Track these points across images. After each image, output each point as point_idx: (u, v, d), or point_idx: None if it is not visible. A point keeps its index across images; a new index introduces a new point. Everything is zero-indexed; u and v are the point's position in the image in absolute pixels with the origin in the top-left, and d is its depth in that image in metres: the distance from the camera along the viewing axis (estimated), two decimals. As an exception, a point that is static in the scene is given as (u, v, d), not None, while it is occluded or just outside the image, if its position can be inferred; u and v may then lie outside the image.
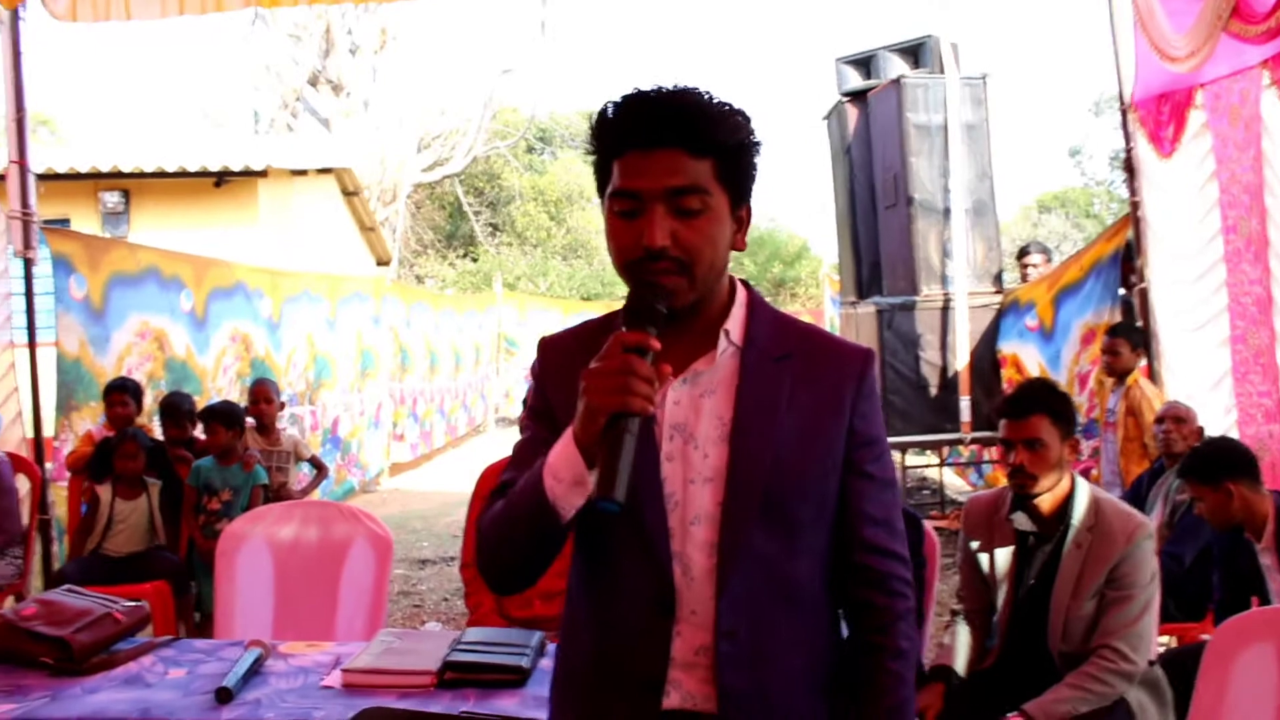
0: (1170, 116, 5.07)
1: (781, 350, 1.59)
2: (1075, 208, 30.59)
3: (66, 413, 5.89)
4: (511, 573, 1.61)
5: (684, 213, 1.47)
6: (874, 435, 1.62)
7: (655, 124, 1.47)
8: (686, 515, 1.54)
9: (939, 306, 7.39)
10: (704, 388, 1.57)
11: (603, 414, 1.39)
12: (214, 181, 10.73)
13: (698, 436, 1.55)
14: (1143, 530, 2.92)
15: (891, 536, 1.62)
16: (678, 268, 1.48)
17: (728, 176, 1.51)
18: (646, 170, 1.47)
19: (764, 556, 1.53)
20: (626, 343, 1.42)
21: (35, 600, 2.73)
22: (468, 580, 3.63)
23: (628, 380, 1.38)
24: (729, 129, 1.50)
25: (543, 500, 1.46)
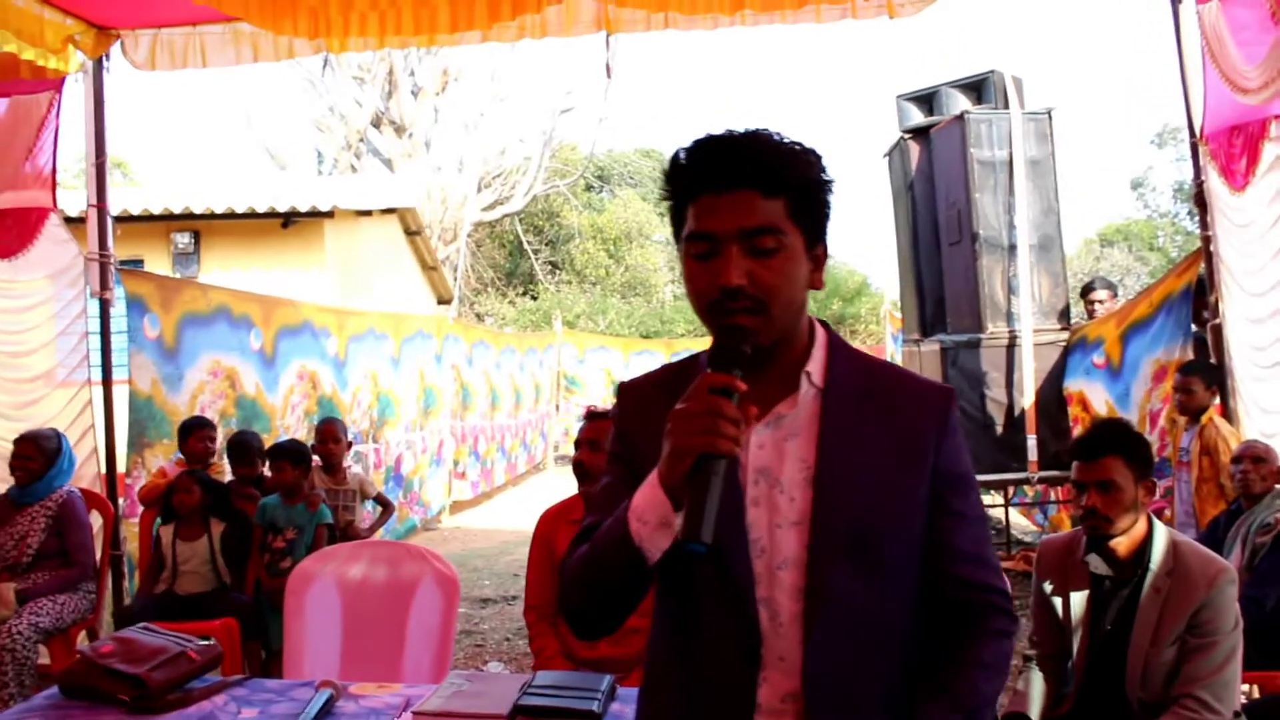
0: (1243, 149, 4.99)
1: (863, 390, 1.59)
2: (1139, 241, 30.16)
3: (139, 450, 6.01)
4: (597, 617, 1.60)
5: (759, 252, 1.48)
6: (960, 473, 1.61)
7: (727, 166, 1.48)
8: (773, 560, 1.53)
9: (1004, 344, 7.30)
10: (787, 431, 1.57)
11: (689, 455, 1.38)
12: (281, 222, 10.94)
13: (782, 480, 1.55)
14: (1225, 575, 2.84)
15: (986, 571, 1.61)
16: (755, 307, 1.48)
17: (801, 215, 1.51)
18: (720, 212, 1.48)
19: (852, 600, 1.52)
20: (713, 384, 1.42)
21: (112, 638, 2.77)
22: (531, 624, 3.63)
23: (714, 421, 1.38)
24: (800, 168, 1.52)
25: (628, 543, 1.45)
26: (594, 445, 3.56)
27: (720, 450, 1.37)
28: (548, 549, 3.63)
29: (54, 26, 5.28)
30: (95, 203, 5.67)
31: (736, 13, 4.74)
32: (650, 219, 29.45)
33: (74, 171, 17.70)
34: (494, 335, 14.32)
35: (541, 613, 3.58)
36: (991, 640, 1.59)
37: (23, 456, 4.92)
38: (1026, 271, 7.24)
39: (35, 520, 4.85)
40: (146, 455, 6.05)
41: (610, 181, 31.52)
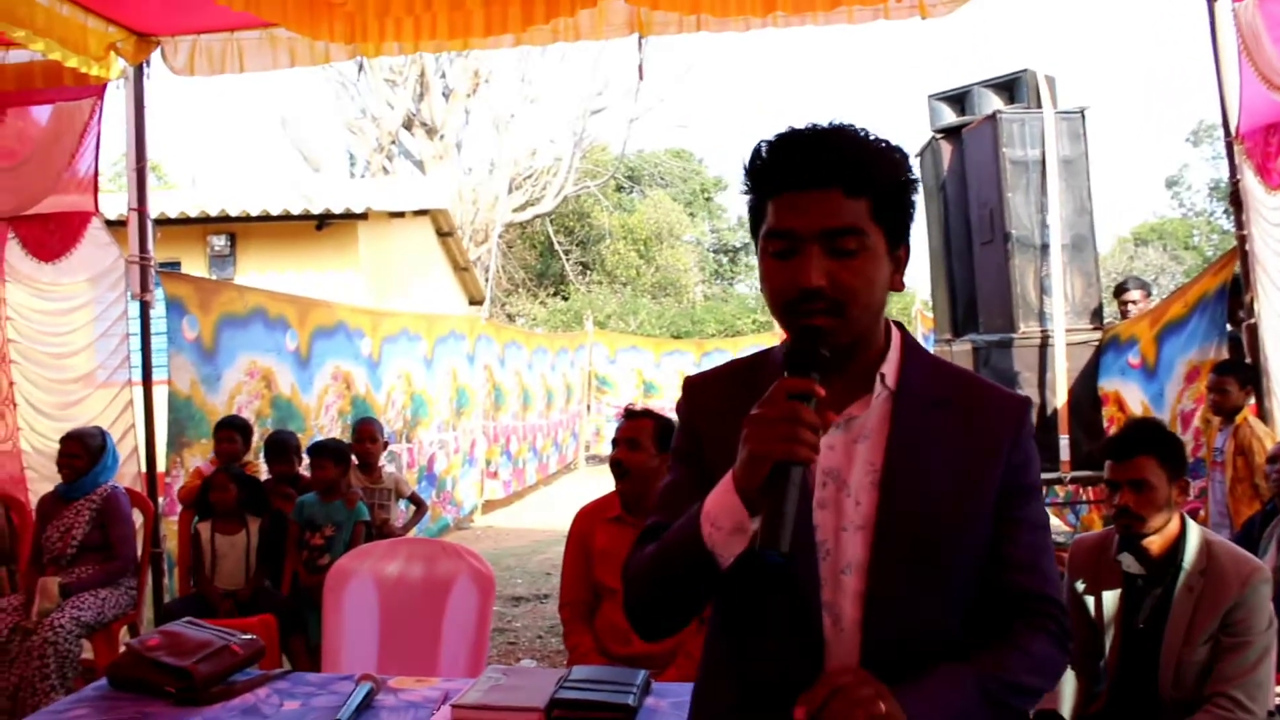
0: (1279, 148, 4.96)
1: (936, 396, 1.57)
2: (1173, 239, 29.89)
3: (178, 449, 6.11)
4: (663, 617, 1.58)
5: (840, 253, 1.45)
6: (1029, 484, 1.58)
7: (811, 163, 1.44)
8: (838, 564, 1.51)
9: (1037, 344, 7.26)
10: (858, 433, 1.54)
11: (768, 462, 1.36)
12: (316, 224, 11.06)
13: (850, 483, 1.53)
14: (1259, 574, 2.85)
15: (1044, 582, 1.57)
16: (834, 308, 1.45)
17: (884, 216, 1.48)
18: (802, 210, 1.45)
19: (915, 607, 1.50)
20: (791, 389, 1.39)
21: (159, 632, 2.84)
22: (566, 620, 3.67)
23: (793, 428, 1.35)
24: (886, 168, 1.48)
25: (700, 547, 1.43)
26: (632, 444, 3.57)
27: (799, 458, 1.35)
28: (583, 547, 3.66)
29: (96, 35, 5.38)
30: (136, 206, 5.76)
31: (769, 14, 4.76)
32: (681, 219, 29.48)
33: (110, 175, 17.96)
34: (525, 336, 14.40)
35: (576, 609, 3.62)
36: (1041, 636, 1.54)
37: (69, 454, 5.03)
38: (1059, 271, 7.20)
39: (80, 514, 4.95)
40: (185, 455, 6.14)
41: (641, 182, 31.57)
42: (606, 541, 3.57)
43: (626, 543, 3.49)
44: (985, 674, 1.48)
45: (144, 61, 5.76)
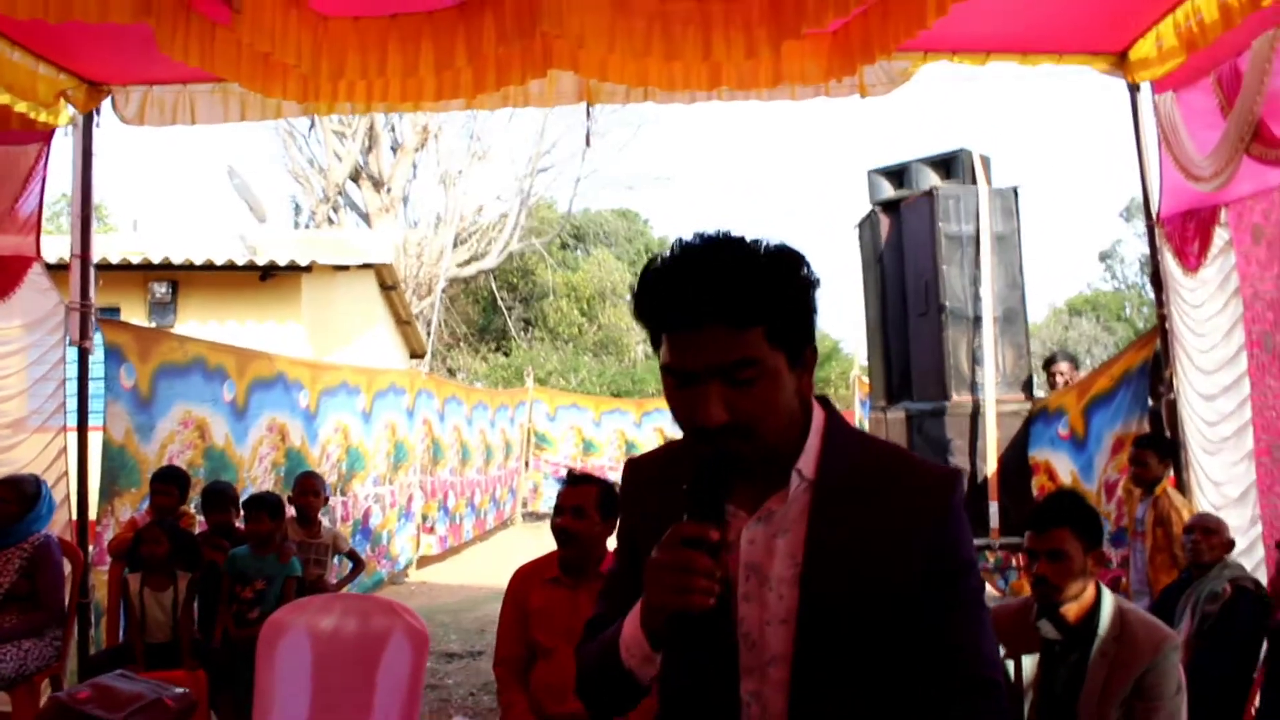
0: (1195, 233, 5.19)
1: (857, 482, 1.54)
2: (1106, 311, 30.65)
3: (109, 498, 6.04)
4: (606, 709, 1.65)
5: (738, 383, 1.42)
6: (961, 562, 1.55)
7: (694, 303, 1.40)
8: (763, 656, 1.52)
9: (968, 413, 7.45)
10: (777, 527, 1.54)
11: (662, 613, 1.41)
12: (259, 275, 11.03)
13: (771, 578, 1.53)
14: (1169, 642, 2.96)
15: (981, 663, 1.54)
16: (741, 434, 1.44)
17: (780, 337, 1.44)
18: (693, 350, 1.42)
19: (840, 697, 1.51)
20: (685, 535, 1.40)
21: (90, 684, 2.84)
22: (500, 677, 3.69)
23: (686, 579, 1.37)
24: (775, 288, 1.43)
25: (621, 667, 1.51)
26: (577, 512, 3.56)
27: (692, 608, 1.38)
28: (519, 606, 3.69)
29: (47, 81, 5.39)
30: (79, 253, 5.74)
31: (714, 89, 4.92)
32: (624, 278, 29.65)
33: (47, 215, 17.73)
34: (466, 391, 14.39)
35: (510, 667, 3.64)
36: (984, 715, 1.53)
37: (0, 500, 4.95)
38: (991, 343, 7.42)
39: (9, 562, 4.86)
40: (116, 504, 6.07)
41: (585, 240, 31.79)
42: (543, 601, 3.61)
43: (563, 603, 3.55)
44: None
45: (94, 110, 5.77)
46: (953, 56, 5.28)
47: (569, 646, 3.49)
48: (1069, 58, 5.36)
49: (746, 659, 1.53)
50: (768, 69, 4.77)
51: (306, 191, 22.48)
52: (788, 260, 1.47)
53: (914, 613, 1.50)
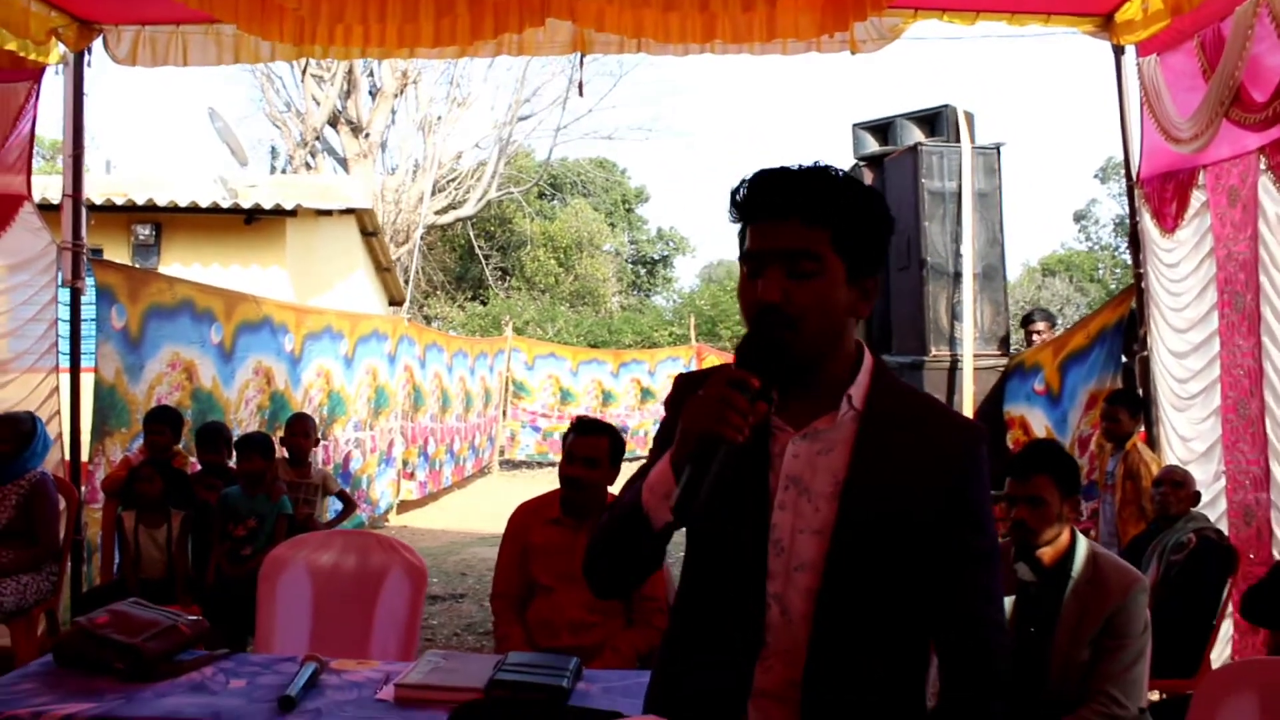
0: (1174, 194, 5.32)
1: (900, 419, 1.69)
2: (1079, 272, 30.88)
3: (101, 438, 6.10)
4: (610, 576, 1.78)
5: (797, 274, 1.60)
6: (978, 509, 1.70)
7: (777, 197, 1.62)
8: (791, 561, 1.66)
9: (946, 367, 7.61)
10: (823, 445, 1.68)
11: (694, 437, 1.53)
12: (244, 219, 11.00)
13: (811, 490, 1.67)
14: (1138, 584, 3.11)
15: (989, 604, 1.71)
16: (789, 323, 1.60)
17: (844, 246, 1.62)
18: (767, 236, 1.63)
19: (861, 609, 1.65)
20: (730, 377, 1.55)
21: (107, 610, 2.92)
22: (498, 611, 3.79)
23: (723, 409, 1.51)
24: (847, 205, 1.63)
25: (639, 509, 1.63)
26: (590, 462, 3.61)
27: (723, 435, 1.51)
28: (519, 542, 3.77)
29: (39, 18, 5.37)
30: (70, 193, 5.76)
31: (708, 41, 4.98)
32: (601, 229, 29.64)
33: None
34: (446, 339, 14.43)
35: (508, 601, 3.74)
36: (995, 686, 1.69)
37: (-3, 438, 5.01)
38: (970, 299, 7.57)
39: (6, 499, 4.93)
40: (107, 444, 6.14)
41: (563, 190, 31.67)
42: (544, 540, 3.69)
43: (563, 544, 3.66)
44: None
45: (85, 49, 5.76)
46: (943, 15, 5.34)
47: (566, 586, 3.61)
48: (1056, 19, 5.44)
49: (774, 563, 1.67)
50: (762, 22, 4.83)
51: (284, 136, 22.29)
52: (867, 192, 1.69)
53: (933, 548, 1.67)
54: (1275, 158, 4.37)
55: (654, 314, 27.44)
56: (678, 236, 33.55)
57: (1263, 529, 4.62)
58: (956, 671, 1.71)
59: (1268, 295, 4.51)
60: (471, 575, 8.81)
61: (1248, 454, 4.75)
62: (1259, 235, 4.55)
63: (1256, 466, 4.67)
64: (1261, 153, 4.48)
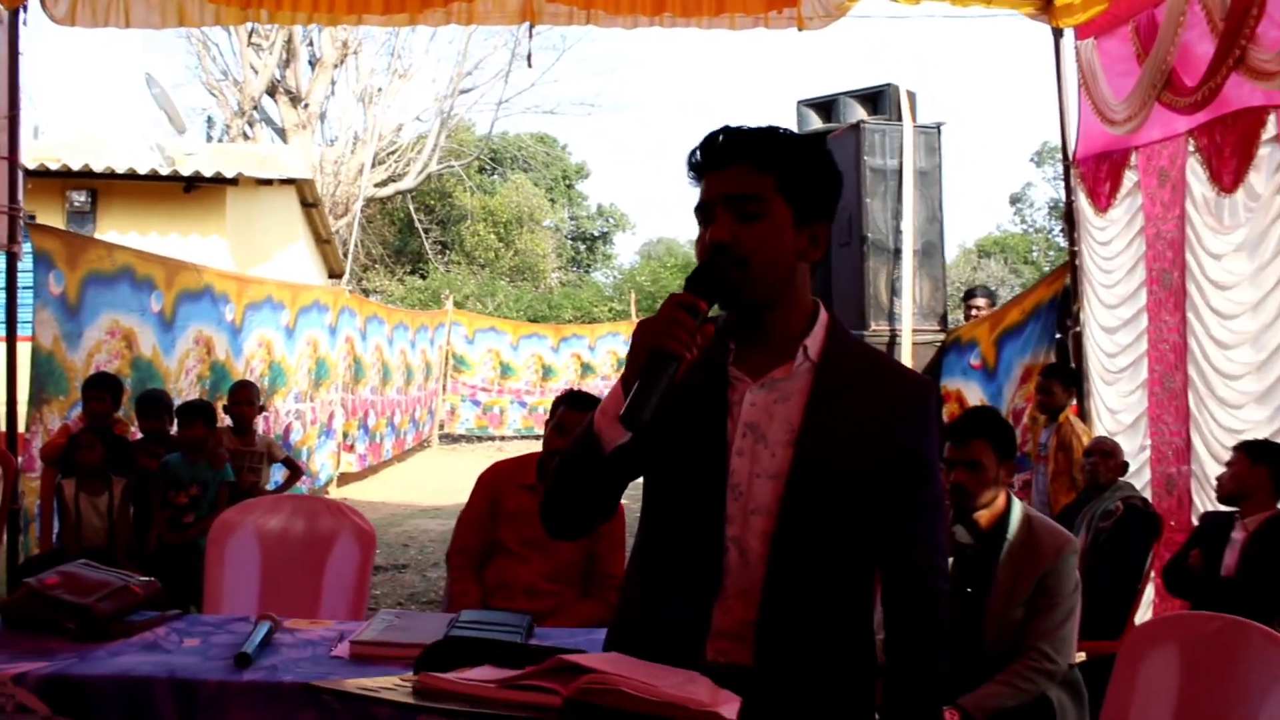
0: (1107, 174, 5.48)
1: (853, 371, 1.77)
2: (1014, 254, 31.37)
3: (38, 405, 6.01)
4: (563, 511, 1.83)
5: (745, 217, 1.68)
6: (927, 459, 1.79)
7: (724, 146, 1.71)
8: (749, 505, 1.73)
9: (885, 341, 7.75)
10: (779, 394, 1.75)
11: (644, 351, 1.60)
12: (184, 187, 10.83)
13: (768, 437, 1.74)
14: (1070, 546, 3.24)
15: (935, 553, 1.80)
16: (738, 264, 1.68)
17: (790, 191, 1.70)
18: (718, 182, 1.71)
19: (814, 551, 1.73)
20: (679, 300, 1.63)
21: (57, 571, 2.91)
22: (455, 567, 3.80)
23: (671, 326, 1.59)
24: (794, 152, 1.72)
25: (591, 433, 1.69)
26: None
27: (670, 349, 1.58)
28: (490, 502, 3.74)
29: (-28, -25, 5.27)
30: (6, 155, 5.65)
31: (657, 15, 5.03)
32: (541, 204, 29.54)
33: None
34: (387, 311, 14.36)
35: (468, 558, 3.75)
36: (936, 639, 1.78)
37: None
38: (909, 275, 7.71)
39: (-61, 467, 4.87)
40: (45, 411, 6.05)
41: (504, 164, 31.48)
42: (515, 505, 3.70)
43: (534, 510, 3.67)
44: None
45: (20, 6, 5.64)
46: (888, -7, 5.44)
47: (530, 553, 3.65)
48: (999, 1, 5.55)
49: (732, 507, 1.73)
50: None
51: (221, 104, 21.90)
52: (811, 139, 1.80)
53: (883, 493, 1.74)
54: (1203, 140, 4.53)
55: (594, 290, 27.45)
56: (618, 213, 33.55)
57: (1183, 498, 4.81)
58: (899, 615, 1.79)
59: (1193, 273, 4.68)
60: (414, 546, 8.83)
61: (1171, 425, 4.93)
62: (1186, 215, 4.72)
63: (1179, 438, 4.86)
64: (1190, 135, 4.64)
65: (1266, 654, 2.65)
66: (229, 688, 2.45)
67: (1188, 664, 2.81)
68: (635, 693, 1.35)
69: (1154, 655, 2.87)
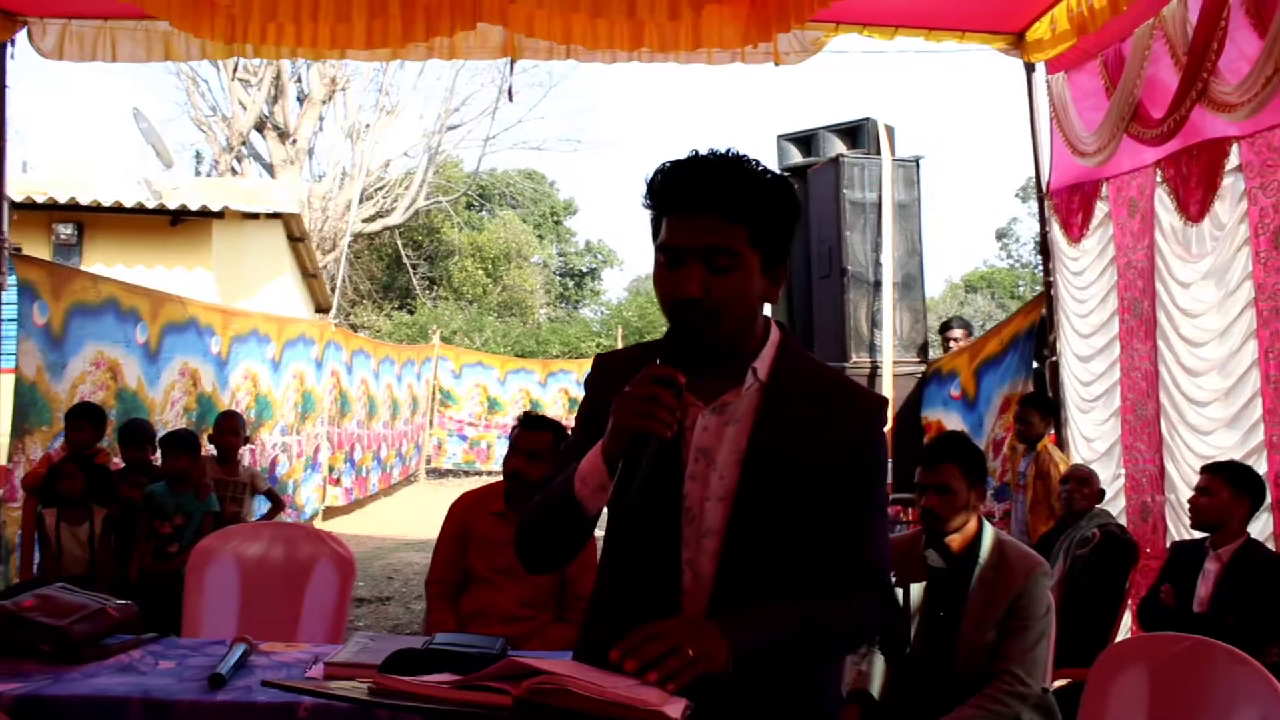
0: (1079, 205, 5.57)
1: (803, 390, 1.79)
2: (1001, 289, 31.57)
3: (20, 436, 6.02)
4: (543, 555, 1.87)
5: (717, 269, 1.68)
6: (872, 469, 1.80)
7: (697, 192, 1.68)
8: (701, 529, 1.75)
9: (866, 373, 7.80)
10: (729, 417, 1.77)
11: (627, 433, 1.61)
12: (170, 220, 10.87)
13: (717, 460, 1.76)
14: (1040, 568, 3.28)
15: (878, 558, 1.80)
16: (708, 316, 1.68)
17: (760, 240, 1.70)
18: (687, 230, 1.68)
19: (760, 568, 1.74)
20: (656, 374, 1.63)
21: (34, 594, 2.93)
22: (432, 596, 3.84)
23: (652, 406, 1.59)
24: (765, 200, 1.70)
25: (571, 498, 1.72)
26: (532, 456, 3.64)
27: (653, 432, 1.59)
28: (460, 532, 3.81)
29: (-41, 9, 5.33)
30: (-8, 187, 5.70)
31: (635, 50, 5.10)
32: (529, 240, 29.64)
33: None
34: (373, 345, 14.39)
35: (443, 588, 3.79)
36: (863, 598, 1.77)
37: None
38: (889, 307, 7.78)
39: (-79, 496, 4.88)
40: (27, 442, 6.06)
41: (492, 201, 31.60)
42: (485, 533, 3.75)
43: (505, 537, 3.72)
44: (805, 616, 1.72)
45: (8, 40, 5.70)
46: (863, 29, 5.53)
47: (503, 580, 3.69)
48: (970, 36, 5.65)
49: (687, 531, 1.76)
50: (688, 31, 4.97)
51: (210, 140, 21.99)
52: (781, 183, 1.76)
53: (830, 507, 1.76)
54: (1170, 171, 4.62)
55: (582, 325, 27.52)
56: (606, 249, 33.66)
57: (1158, 524, 4.86)
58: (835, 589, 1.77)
59: (1163, 302, 4.75)
60: (398, 579, 8.82)
61: (1145, 453, 4.99)
62: (1156, 245, 4.79)
63: (1152, 465, 4.91)
64: (1158, 166, 4.73)
65: (1232, 673, 2.70)
66: (201, 707, 2.47)
67: (1157, 685, 2.85)
68: (583, 693, 1.38)
69: (1123, 676, 2.91)
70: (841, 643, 1.83)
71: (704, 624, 1.63)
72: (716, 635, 1.58)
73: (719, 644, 1.57)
